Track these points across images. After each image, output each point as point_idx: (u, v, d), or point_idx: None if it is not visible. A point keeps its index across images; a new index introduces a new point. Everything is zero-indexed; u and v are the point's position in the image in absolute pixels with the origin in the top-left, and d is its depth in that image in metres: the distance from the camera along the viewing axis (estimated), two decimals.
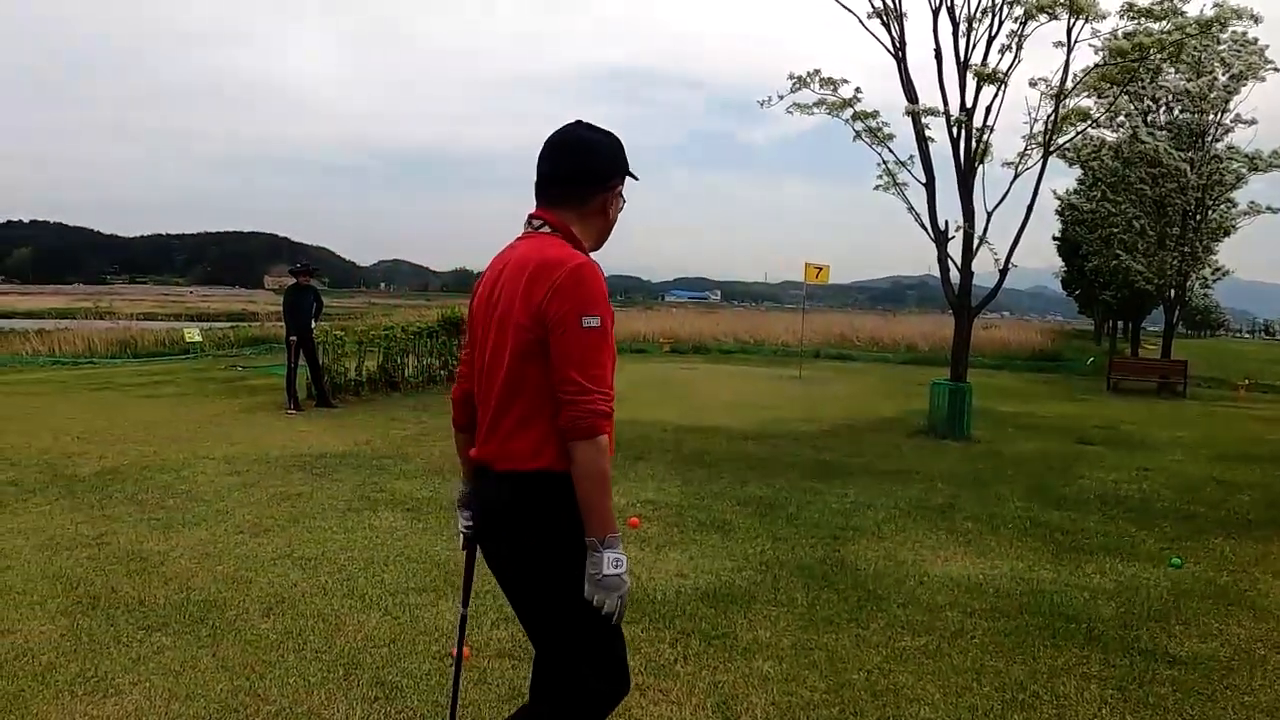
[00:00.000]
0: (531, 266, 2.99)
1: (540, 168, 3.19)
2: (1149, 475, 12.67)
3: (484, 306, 3.20)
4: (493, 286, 3.15)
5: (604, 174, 3.19)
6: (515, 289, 3.01)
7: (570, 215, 3.16)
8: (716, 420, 16.62)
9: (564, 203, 3.16)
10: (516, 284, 3.01)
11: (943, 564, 8.07)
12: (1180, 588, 7.63)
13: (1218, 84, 28.14)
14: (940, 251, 16.21)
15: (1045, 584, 7.60)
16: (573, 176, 3.15)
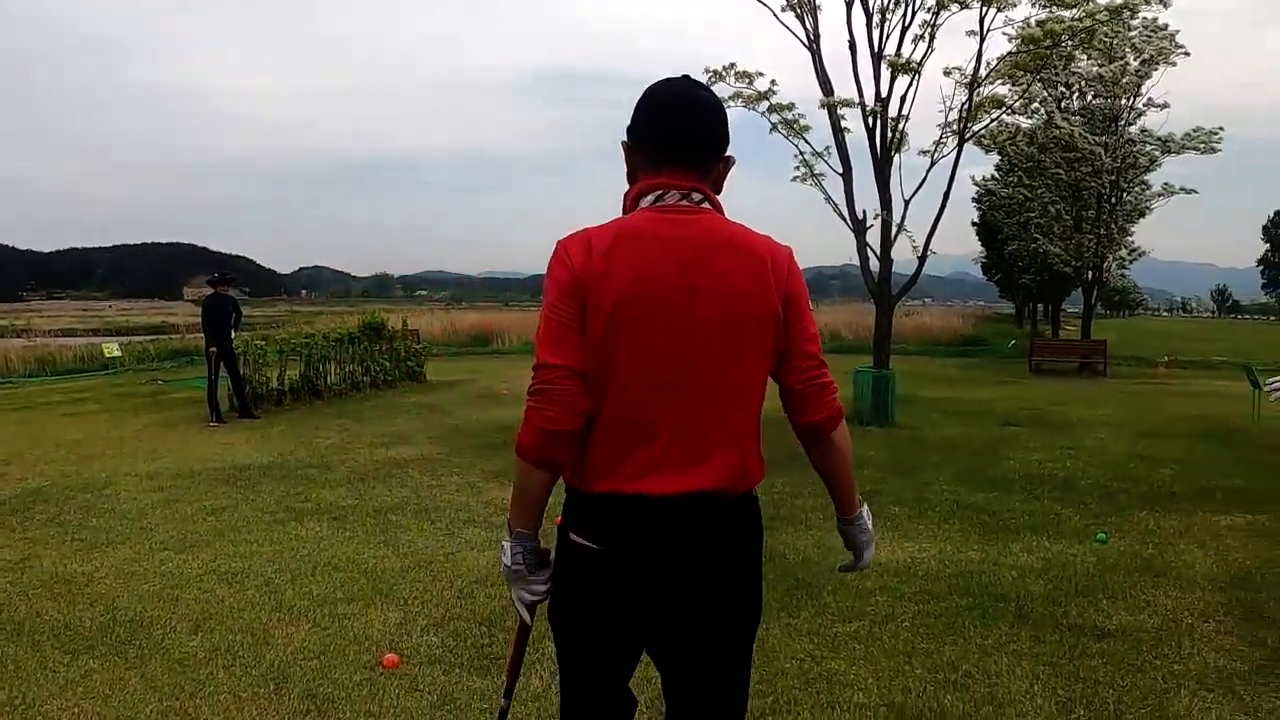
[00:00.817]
0: (752, 247, 2.60)
1: (685, 128, 2.63)
2: (1072, 454, 12.76)
3: (663, 297, 2.50)
4: (675, 275, 2.50)
5: (728, 140, 2.73)
6: (742, 273, 2.54)
7: (710, 189, 2.69)
8: None
9: (707, 174, 2.67)
10: (740, 267, 2.55)
11: (875, 549, 7.98)
12: (1106, 562, 7.65)
13: (1129, 69, 28.57)
14: (859, 240, 16.25)
15: (973, 564, 7.58)
16: (721, 143, 2.68)
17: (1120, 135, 29.55)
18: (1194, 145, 29.31)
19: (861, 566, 3.08)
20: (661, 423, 2.52)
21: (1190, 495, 10.19)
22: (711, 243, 2.55)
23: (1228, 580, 7.18)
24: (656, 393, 2.52)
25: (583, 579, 2.65)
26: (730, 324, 2.52)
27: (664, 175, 2.62)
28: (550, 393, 2.49)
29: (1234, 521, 9.09)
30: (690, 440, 2.54)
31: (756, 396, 2.64)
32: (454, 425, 15.61)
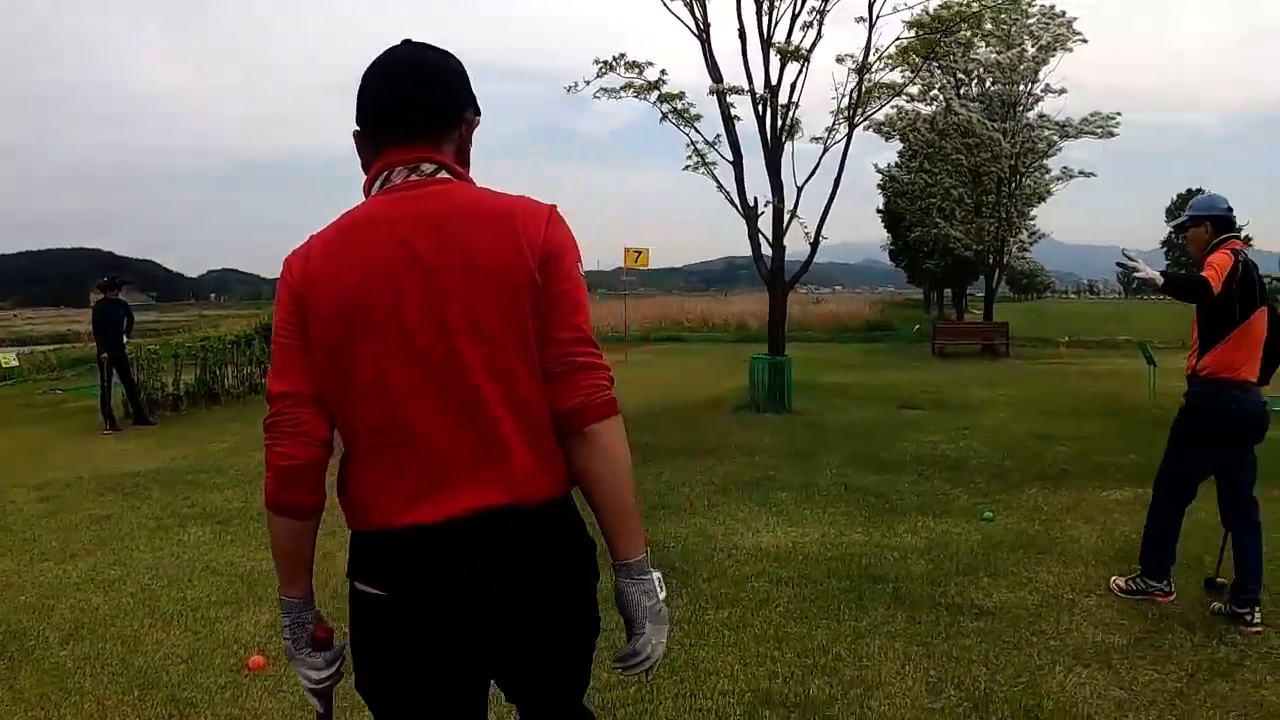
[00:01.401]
0: (497, 208, 2.16)
1: (402, 94, 2.21)
2: (968, 435, 12.66)
3: (395, 288, 2.09)
4: (405, 260, 2.09)
5: (471, 102, 2.32)
6: (486, 239, 2.10)
7: (448, 156, 2.25)
8: None
9: (442, 142, 2.24)
10: (483, 232, 2.11)
11: (754, 535, 7.80)
12: (991, 540, 7.48)
13: (1026, 55, 28.78)
14: (750, 228, 16.05)
15: (856, 547, 7.38)
16: (451, 105, 2.26)
17: (1019, 121, 29.78)
18: (1092, 130, 29.67)
19: (640, 660, 2.25)
20: (425, 435, 2.10)
21: (1082, 472, 10.10)
22: (447, 213, 2.12)
23: (1112, 554, 7.04)
24: (411, 400, 2.10)
25: (376, 632, 2.21)
26: (480, 302, 2.08)
27: (388, 153, 2.22)
28: (280, 425, 2.15)
29: (1123, 495, 8.97)
30: (463, 450, 2.11)
31: (535, 383, 2.13)
32: None
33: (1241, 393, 5.66)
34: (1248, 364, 5.66)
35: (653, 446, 12.12)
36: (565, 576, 2.23)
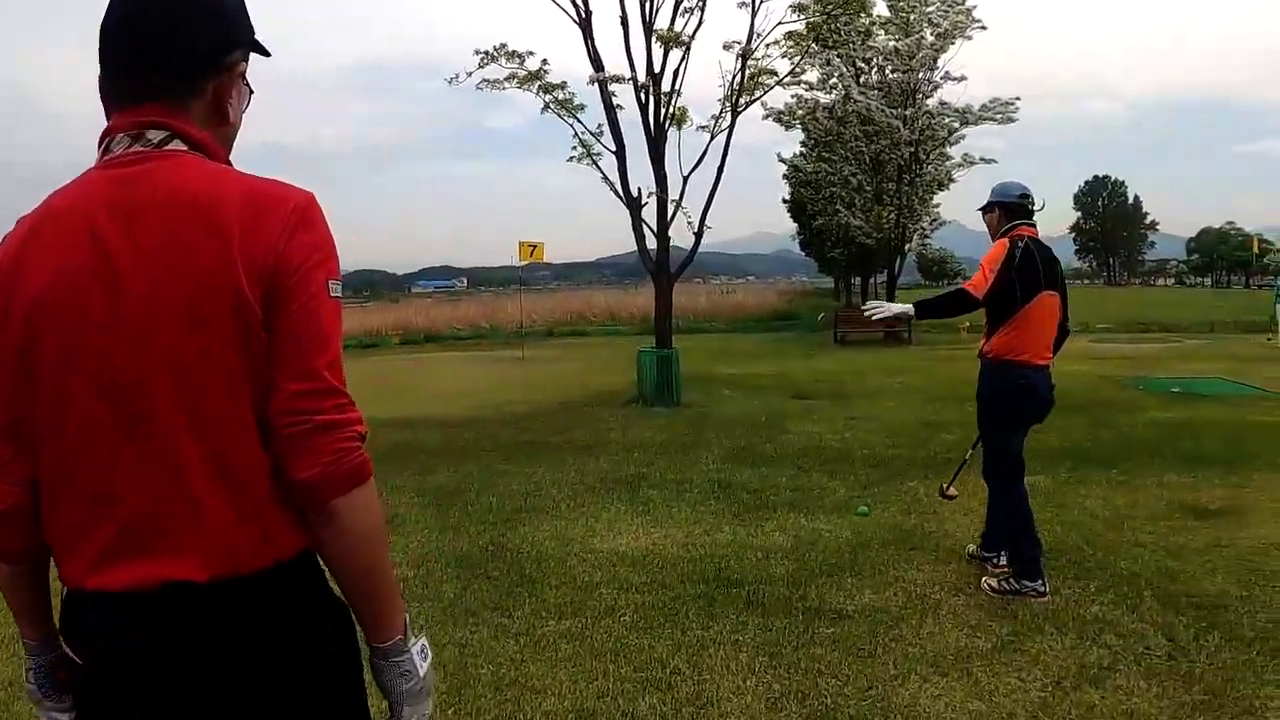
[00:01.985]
0: (215, 200, 1.59)
1: (130, 42, 1.67)
2: (856, 424, 12.26)
3: (81, 298, 1.58)
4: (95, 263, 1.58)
5: (235, 40, 1.76)
6: (187, 243, 1.56)
7: (192, 118, 1.69)
8: (428, 411, 15.56)
9: (185, 99, 1.69)
10: (186, 235, 1.56)
11: (613, 538, 7.30)
12: (863, 537, 7.03)
13: (925, 43, 28.59)
14: (634, 219, 15.54)
15: (718, 548, 6.89)
16: (199, 50, 1.69)
17: (918, 108, 29.62)
18: (991, 116, 29.59)
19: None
20: (115, 483, 1.60)
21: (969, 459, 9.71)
22: (148, 202, 1.58)
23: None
24: (101, 441, 1.59)
25: (85, 706, 1.77)
26: (174, 328, 1.55)
27: (115, 115, 1.67)
28: None
29: None
30: (155, 507, 1.60)
31: (249, 435, 1.61)
32: None
33: (1031, 372, 5.77)
34: (1033, 346, 5.77)
35: (533, 444, 11.68)
36: (284, 660, 1.67)
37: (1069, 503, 7.79)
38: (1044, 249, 5.85)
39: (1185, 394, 14.40)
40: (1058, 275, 5.95)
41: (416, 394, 18.47)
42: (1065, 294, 6.01)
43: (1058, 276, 5.95)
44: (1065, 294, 6.01)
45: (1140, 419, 11.97)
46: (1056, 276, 5.92)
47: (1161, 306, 45.70)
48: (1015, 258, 5.64)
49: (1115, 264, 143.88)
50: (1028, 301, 5.67)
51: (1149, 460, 9.37)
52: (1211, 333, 31.68)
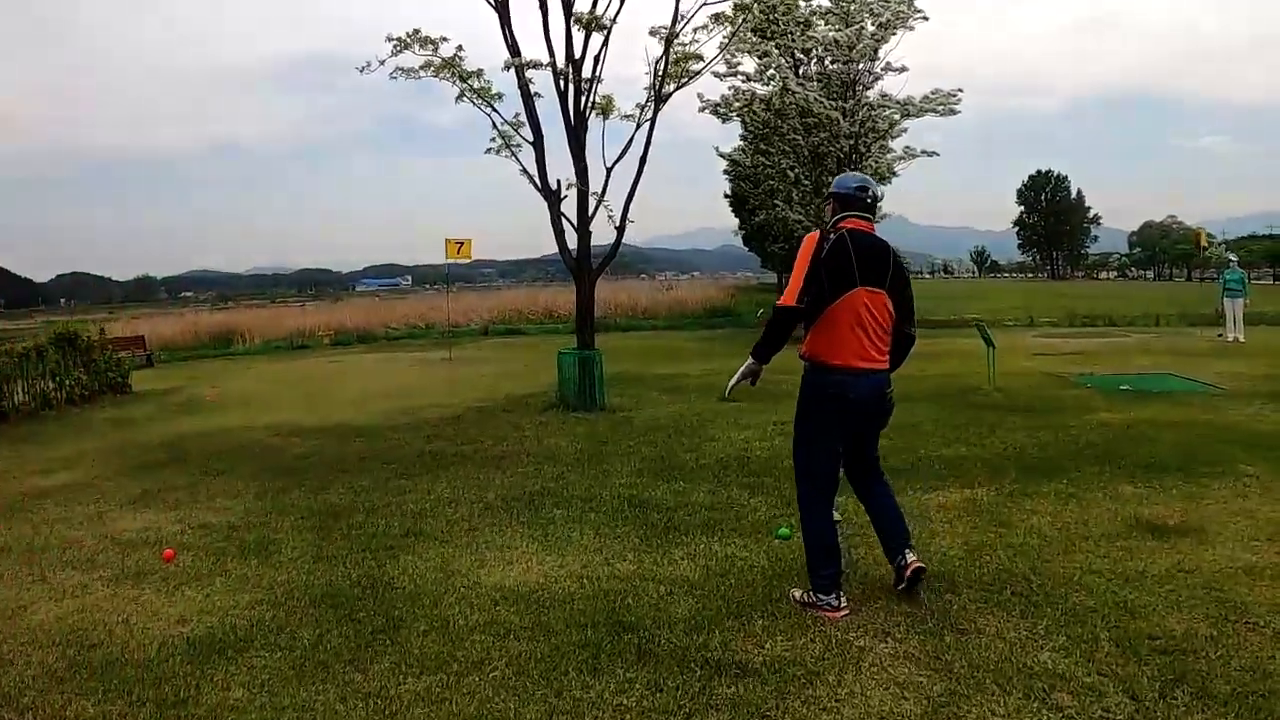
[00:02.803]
0: None
1: None
2: (786, 429, 11.37)
3: None
4: None
5: None
6: None
7: None
8: (340, 417, 14.76)
9: None
10: None
11: (504, 568, 6.48)
12: (780, 566, 6.22)
13: (865, 33, 27.83)
14: (553, 212, 14.62)
15: (617, 581, 6.06)
16: None
17: (858, 100, 28.88)
18: (933, 108, 28.86)
19: None
20: None
21: (904, 469, 8.90)
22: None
23: (924, 578, 5.78)
24: None
25: None
26: None
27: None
28: None
29: (948, 499, 7.80)
30: None
31: None
32: (132, 442, 13.54)
33: (847, 378, 5.30)
34: (847, 347, 5.29)
35: (439, 455, 10.88)
36: None
37: (1014, 521, 6.98)
38: (870, 243, 5.34)
39: (1135, 392, 13.67)
40: (887, 272, 5.33)
41: (334, 399, 17.66)
42: (904, 293, 5.44)
43: (887, 273, 5.33)
44: (904, 293, 5.44)
45: (1089, 421, 11.21)
46: (885, 273, 5.32)
47: (1105, 299, 45.35)
48: (823, 250, 5.23)
49: (1058, 258, 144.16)
50: (837, 298, 5.23)
51: (1100, 468, 8.60)
52: (1157, 326, 31.23)
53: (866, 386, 5.34)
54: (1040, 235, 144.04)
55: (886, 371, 5.46)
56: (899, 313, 5.40)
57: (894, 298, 5.34)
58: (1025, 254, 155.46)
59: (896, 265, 5.39)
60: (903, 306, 5.41)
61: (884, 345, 5.38)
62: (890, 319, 5.36)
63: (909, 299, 5.46)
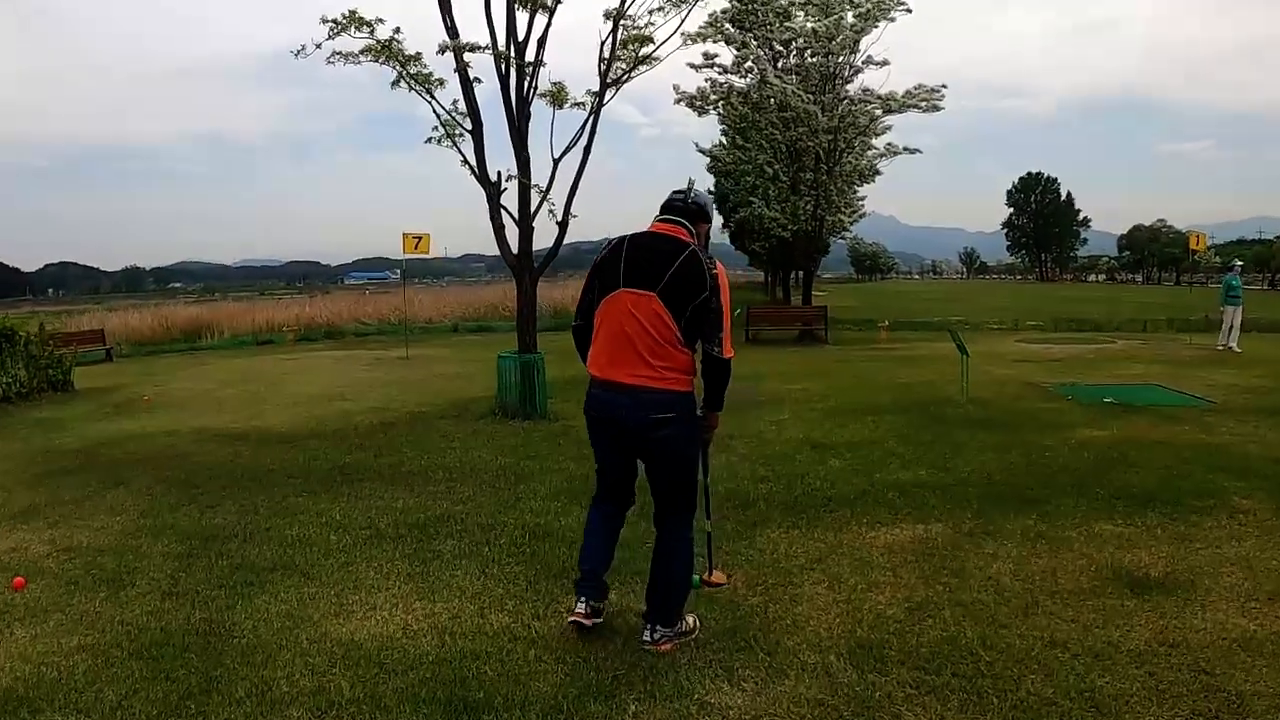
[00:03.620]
0: None
1: None
2: (731, 445, 10.34)
3: None
4: None
5: None
6: None
7: None
8: (272, 421, 13.80)
9: None
10: None
11: (363, 615, 5.52)
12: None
13: (845, 24, 26.84)
14: (492, 206, 13.55)
15: (485, 640, 5.08)
16: None
17: (838, 94, 27.89)
18: (916, 104, 27.88)
19: None
20: None
21: (852, 497, 7.86)
22: None
23: (849, 648, 4.76)
24: None
25: None
26: None
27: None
28: None
29: (896, 537, 6.72)
30: None
31: None
32: (48, 447, 12.59)
33: (594, 390, 4.91)
34: (599, 354, 4.83)
35: (351, 469, 9.92)
36: None
37: (970, 569, 5.91)
38: (652, 243, 4.81)
39: (1119, 405, 12.62)
40: (664, 274, 4.65)
41: (275, 400, 16.66)
42: (696, 302, 4.64)
43: (664, 276, 4.65)
44: (696, 302, 4.64)
45: (1067, 439, 10.16)
46: (660, 275, 4.65)
47: (1093, 303, 44.44)
48: (600, 254, 4.91)
49: (1047, 260, 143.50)
50: (600, 302, 4.82)
51: (1075, 500, 7.53)
52: (1144, 331, 30.29)
53: (618, 404, 4.73)
54: (1029, 237, 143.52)
55: (659, 392, 4.66)
56: (691, 326, 4.66)
57: (673, 305, 4.61)
58: (1014, 256, 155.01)
59: (685, 269, 4.64)
60: (697, 319, 4.65)
61: (655, 358, 4.64)
62: (668, 329, 4.62)
63: (711, 313, 4.66)
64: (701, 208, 4.97)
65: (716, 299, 4.64)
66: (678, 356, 4.65)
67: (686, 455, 4.87)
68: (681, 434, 4.76)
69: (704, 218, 4.98)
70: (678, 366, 4.65)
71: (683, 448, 4.82)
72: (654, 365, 4.62)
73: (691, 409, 4.79)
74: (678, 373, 4.66)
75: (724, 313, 4.69)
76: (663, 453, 4.79)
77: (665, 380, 4.63)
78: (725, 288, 4.69)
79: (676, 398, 4.68)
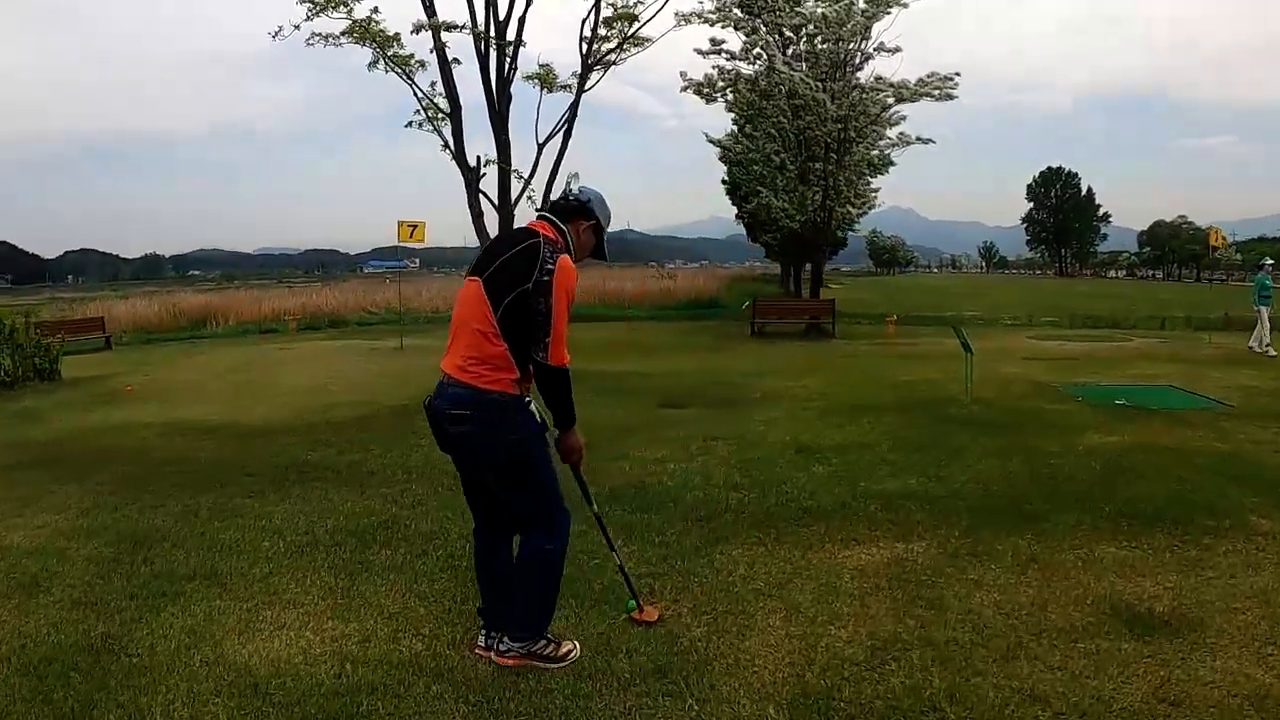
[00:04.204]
0: None
1: None
2: (713, 447, 9.69)
3: None
4: None
5: None
6: None
7: None
8: (250, 414, 13.32)
9: None
10: None
11: (269, 635, 5.05)
12: (598, 662, 4.53)
13: (856, 10, 26.07)
14: (470, 191, 12.95)
15: (387, 671, 4.53)
16: None
17: (848, 81, 27.13)
18: (928, 92, 27.10)
19: None
20: None
21: (831, 509, 7.20)
22: None
23: (792, 697, 4.14)
24: None
25: None
26: None
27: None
28: None
29: (871, 558, 6.06)
30: None
31: None
32: (16, 439, 12.22)
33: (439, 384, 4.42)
34: (448, 350, 4.42)
35: (310, 467, 9.40)
36: None
37: (949, 600, 5.24)
38: (506, 235, 4.86)
39: (1131, 407, 11.90)
40: (492, 263, 4.34)
41: (258, 392, 16.27)
42: (517, 294, 4.21)
43: (491, 265, 4.34)
44: (517, 294, 4.21)
45: (1074, 445, 9.46)
46: (489, 264, 4.35)
47: (1110, 300, 43.59)
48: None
49: (1067, 255, 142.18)
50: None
51: (1077, 515, 6.84)
52: (1163, 329, 29.49)
53: (437, 403, 4.36)
54: (1049, 232, 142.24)
55: (459, 386, 4.27)
56: (510, 321, 4.20)
57: (492, 293, 4.22)
58: (1033, 251, 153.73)
59: (515, 258, 4.27)
60: (517, 315, 4.20)
61: (468, 349, 4.26)
62: (485, 319, 4.22)
63: (537, 313, 4.19)
64: (581, 205, 4.55)
65: (544, 299, 4.16)
66: (489, 349, 4.20)
67: (498, 465, 4.39)
68: (483, 438, 4.28)
69: (581, 214, 4.55)
70: (487, 360, 4.20)
71: (489, 457, 4.36)
72: (464, 357, 4.25)
73: (499, 413, 4.24)
74: (485, 367, 4.20)
75: (553, 314, 4.18)
76: (468, 456, 4.42)
77: (468, 374, 4.22)
78: (561, 288, 4.19)
79: (475, 395, 4.21)
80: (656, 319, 34.61)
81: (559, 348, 4.22)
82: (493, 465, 4.38)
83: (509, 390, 4.24)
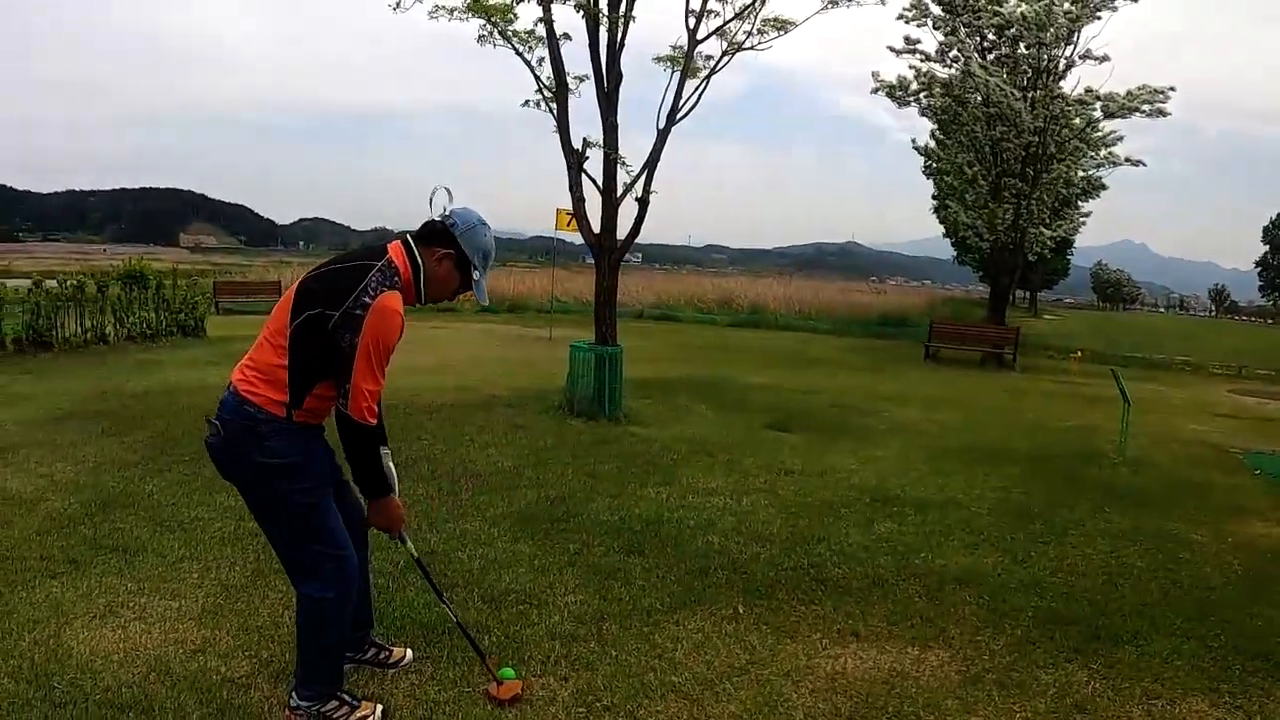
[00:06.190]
0: None
1: None
2: (781, 483, 8.36)
3: None
4: None
5: None
6: None
7: None
8: None
9: None
10: None
11: (119, 624, 4.74)
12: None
13: (1057, 11, 24.06)
14: (573, 178, 11.85)
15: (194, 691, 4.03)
16: None
17: (1049, 90, 25.07)
18: (1136, 106, 24.76)
19: None
20: None
21: (856, 585, 5.84)
22: None
23: None
24: None
25: None
26: None
27: None
28: None
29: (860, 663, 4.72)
30: None
31: None
32: (114, 389, 12.30)
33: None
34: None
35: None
36: None
37: None
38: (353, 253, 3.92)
39: None
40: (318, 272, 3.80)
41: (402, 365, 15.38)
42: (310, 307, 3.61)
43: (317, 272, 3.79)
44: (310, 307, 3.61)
45: (1225, 535, 7.62)
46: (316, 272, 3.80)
47: None
48: None
49: None
50: None
51: (1174, 643, 5.14)
52: None
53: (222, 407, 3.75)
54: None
55: (227, 392, 3.73)
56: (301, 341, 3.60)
57: (296, 303, 3.64)
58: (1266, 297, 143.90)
59: (334, 277, 3.68)
60: (311, 336, 3.60)
61: (255, 357, 3.71)
62: (279, 328, 3.66)
63: (339, 350, 3.57)
64: (442, 231, 3.84)
65: (349, 335, 3.53)
66: (269, 359, 3.65)
67: (244, 488, 3.77)
68: (228, 453, 3.68)
69: (440, 241, 3.85)
70: (262, 370, 3.65)
71: (234, 476, 3.74)
72: (247, 361, 3.75)
73: (250, 429, 3.61)
74: (259, 377, 3.65)
75: (356, 358, 3.53)
76: (223, 470, 3.76)
77: (241, 379, 3.69)
78: (375, 330, 3.54)
79: (236, 404, 3.65)
80: (837, 332, 33.01)
81: (360, 400, 3.57)
82: (241, 487, 3.77)
83: (273, 411, 3.61)
